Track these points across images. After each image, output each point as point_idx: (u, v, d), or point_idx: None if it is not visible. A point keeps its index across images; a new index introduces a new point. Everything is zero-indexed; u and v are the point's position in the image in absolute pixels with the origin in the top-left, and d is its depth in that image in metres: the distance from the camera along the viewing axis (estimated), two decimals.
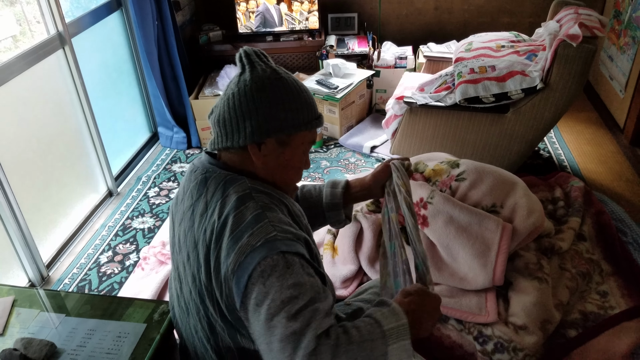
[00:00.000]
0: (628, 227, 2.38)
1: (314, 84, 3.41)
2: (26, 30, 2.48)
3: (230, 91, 1.15)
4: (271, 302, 0.97)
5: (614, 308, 1.96)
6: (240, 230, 1.05)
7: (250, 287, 1.00)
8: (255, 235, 1.03)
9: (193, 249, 1.13)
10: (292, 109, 1.14)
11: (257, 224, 1.05)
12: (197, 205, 1.15)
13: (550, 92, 2.54)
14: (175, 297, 1.26)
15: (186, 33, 3.89)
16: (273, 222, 1.06)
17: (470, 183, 2.14)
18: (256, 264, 1.00)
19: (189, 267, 1.14)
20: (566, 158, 3.10)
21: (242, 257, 1.02)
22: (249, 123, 1.12)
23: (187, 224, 1.17)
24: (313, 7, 3.81)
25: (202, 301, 1.12)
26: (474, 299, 1.95)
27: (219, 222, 1.08)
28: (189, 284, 1.15)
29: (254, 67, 1.15)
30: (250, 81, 1.13)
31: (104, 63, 3.01)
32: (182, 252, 1.18)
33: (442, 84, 2.88)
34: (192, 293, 1.15)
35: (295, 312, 0.95)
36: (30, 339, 1.27)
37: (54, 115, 2.55)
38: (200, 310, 1.14)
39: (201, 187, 1.16)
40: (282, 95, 1.14)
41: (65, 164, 2.65)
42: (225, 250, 1.05)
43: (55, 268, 2.49)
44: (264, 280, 0.99)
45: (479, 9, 4.03)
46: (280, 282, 0.98)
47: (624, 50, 3.23)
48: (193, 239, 1.14)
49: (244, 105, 1.12)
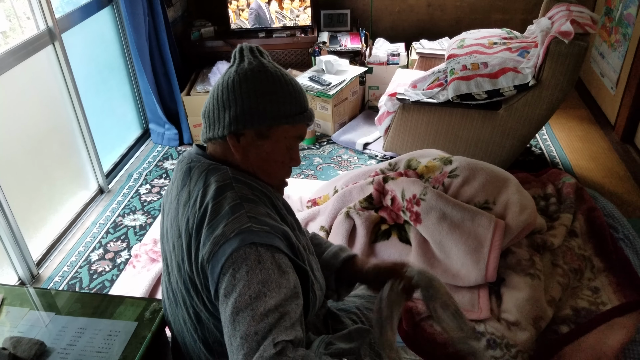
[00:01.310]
0: (619, 223, 2.39)
1: (307, 81, 3.40)
2: (16, 27, 2.45)
3: (217, 83, 1.17)
4: (239, 295, 0.97)
5: (606, 304, 1.97)
6: (216, 220, 1.05)
7: (222, 278, 1.00)
8: (229, 226, 1.03)
9: (177, 238, 1.14)
10: (273, 101, 1.13)
11: (234, 214, 1.05)
12: (182, 194, 1.16)
13: (542, 88, 2.55)
14: (165, 290, 1.27)
15: (178, 29, 3.87)
16: (250, 213, 1.06)
17: (463, 180, 2.14)
18: (228, 255, 1.00)
19: (175, 257, 1.15)
20: (558, 155, 3.11)
21: (216, 247, 1.02)
22: (228, 114, 1.12)
23: (172, 213, 1.18)
24: (304, 4, 3.80)
25: (187, 291, 1.13)
26: (467, 295, 1.95)
27: (199, 211, 1.08)
28: (175, 274, 1.16)
29: (242, 61, 1.16)
30: (235, 73, 1.14)
31: (95, 59, 2.98)
32: (169, 242, 1.19)
33: (434, 80, 2.88)
34: (179, 283, 1.15)
35: (261, 312, 0.95)
36: (19, 338, 1.26)
37: (44, 111, 2.52)
38: (187, 300, 1.14)
39: (185, 177, 1.17)
40: (263, 86, 1.13)
41: (56, 161, 2.62)
42: (202, 240, 1.05)
43: (46, 266, 2.47)
44: (234, 272, 0.99)
45: (472, 6, 4.03)
46: (249, 277, 0.98)
47: (615, 47, 3.24)
48: (177, 228, 1.14)
49: (225, 96, 1.13)
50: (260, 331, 0.94)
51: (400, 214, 2.16)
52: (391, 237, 2.19)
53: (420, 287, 1.25)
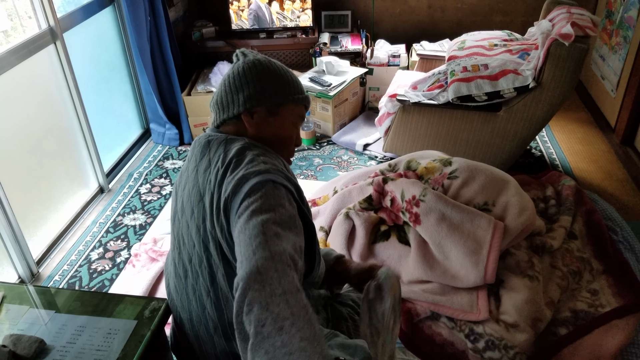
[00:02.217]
0: (618, 225, 2.39)
1: (307, 81, 3.40)
2: (17, 26, 2.46)
3: (226, 75, 1.33)
4: (255, 207, 1.07)
5: (605, 306, 1.97)
6: (239, 168, 1.16)
7: (242, 205, 1.09)
8: (250, 169, 1.15)
9: (198, 201, 1.22)
10: (280, 83, 1.31)
11: (253, 162, 1.18)
12: (201, 164, 1.26)
13: (543, 91, 2.55)
14: (172, 270, 1.33)
15: (179, 29, 3.87)
16: (267, 162, 1.19)
17: (463, 181, 2.14)
18: (250, 187, 1.11)
19: (193, 222, 1.23)
20: (558, 157, 3.11)
21: (238, 184, 1.13)
22: (242, 94, 1.28)
23: (191, 184, 1.27)
24: (305, 6, 3.81)
25: (205, 249, 1.20)
26: (466, 296, 1.95)
27: (222, 168, 1.19)
28: (193, 238, 1.23)
29: (246, 56, 1.34)
30: (243, 63, 1.31)
31: (96, 58, 2.99)
32: (185, 214, 1.27)
33: (435, 82, 2.89)
34: (196, 246, 1.22)
35: (272, 220, 1.04)
36: (19, 336, 1.26)
37: (45, 110, 2.53)
38: (203, 261, 1.21)
39: (204, 149, 1.28)
40: (270, 72, 1.31)
41: (56, 160, 2.63)
42: (225, 186, 1.15)
43: (46, 265, 2.47)
44: (254, 195, 1.10)
45: (472, 8, 4.04)
46: (266, 197, 1.09)
47: (616, 50, 3.25)
48: (198, 193, 1.23)
49: (237, 81, 1.30)
50: (269, 233, 1.02)
51: (399, 215, 2.16)
52: (390, 238, 2.19)
53: (382, 286, 1.34)
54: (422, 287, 2.02)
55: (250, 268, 0.94)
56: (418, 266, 2.04)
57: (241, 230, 1.05)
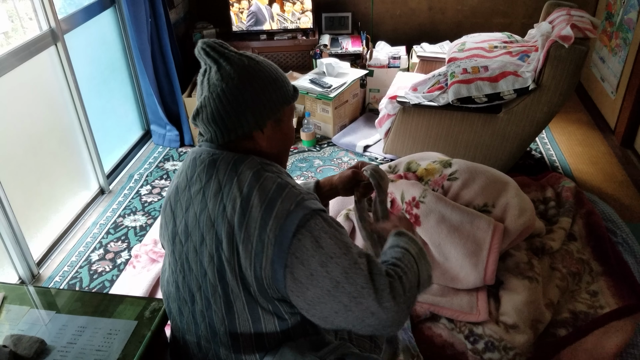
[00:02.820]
0: (618, 227, 2.39)
1: (308, 83, 3.41)
2: (18, 27, 2.46)
3: (218, 88, 1.18)
4: (326, 246, 1.06)
5: (604, 307, 1.97)
6: (269, 199, 1.10)
7: (296, 244, 1.06)
8: (286, 201, 1.10)
9: (210, 228, 1.15)
10: (278, 88, 1.22)
11: (283, 191, 1.11)
12: (209, 186, 1.18)
13: (543, 92, 2.56)
14: (174, 292, 1.25)
15: (179, 31, 3.88)
16: (294, 186, 1.14)
17: (463, 182, 2.15)
18: (297, 223, 1.07)
19: (204, 249, 1.16)
20: (557, 158, 3.11)
21: (282, 220, 1.07)
22: (250, 113, 1.18)
23: (198, 207, 1.19)
24: (305, 8, 3.81)
25: (221, 278, 1.14)
26: (465, 298, 1.96)
27: (240, 196, 1.12)
28: (204, 267, 1.16)
29: (229, 59, 1.19)
30: (235, 73, 1.17)
31: (97, 60, 2.99)
32: (191, 238, 1.19)
33: (435, 83, 2.89)
34: (208, 275, 1.16)
35: (349, 251, 1.08)
36: (20, 336, 1.26)
37: (46, 111, 2.53)
38: (217, 290, 1.15)
39: (210, 169, 1.19)
40: (268, 78, 1.21)
41: (57, 161, 2.63)
42: (260, 220, 1.09)
43: (46, 266, 2.48)
44: (310, 233, 1.07)
45: (473, 10, 4.04)
46: (325, 232, 1.08)
47: (615, 52, 3.25)
48: (209, 219, 1.15)
49: (240, 98, 1.17)
50: (358, 260, 1.07)
51: None
52: None
53: (373, 181, 1.45)
54: None
55: (377, 296, 1.04)
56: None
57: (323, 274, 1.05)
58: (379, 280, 1.05)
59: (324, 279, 1.05)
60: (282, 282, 1.07)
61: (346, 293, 1.04)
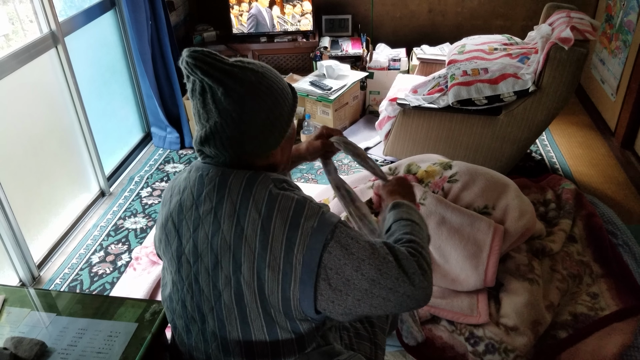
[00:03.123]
0: (618, 229, 2.39)
1: (308, 85, 3.41)
2: (19, 29, 2.47)
3: (232, 113, 1.11)
4: (355, 251, 1.07)
5: (604, 309, 1.97)
6: (292, 218, 1.08)
7: (327, 257, 1.06)
8: (309, 219, 1.08)
9: (225, 251, 1.11)
10: (286, 99, 1.18)
11: (304, 208, 1.10)
12: (221, 207, 1.12)
13: (542, 94, 2.56)
14: (180, 310, 1.21)
15: (180, 33, 3.89)
16: (311, 201, 1.12)
17: (463, 184, 2.15)
18: (324, 240, 1.06)
19: (221, 271, 1.12)
20: (558, 160, 3.11)
21: (308, 239, 1.06)
22: (269, 134, 1.15)
23: (209, 228, 1.13)
24: (305, 10, 3.82)
25: (239, 301, 1.11)
26: (466, 300, 1.96)
27: (260, 218, 1.09)
28: (219, 288, 1.12)
29: (234, 77, 1.11)
30: (247, 94, 1.11)
31: (97, 62, 3.00)
32: (202, 260, 1.14)
33: (435, 86, 2.90)
34: (223, 297, 1.12)
35: (374, 248, 1.09)
36: (20, 338, 1.26)
37: (46, 114, 2.54)
38: (233, 312, 1.12)
39: (221, 189, 1.13)
40: (276, 92, 1.15)
41: (57, 164, 2.63)
42: (285, 241, 1.07)
43: (47, 268, 2.48)
44: (338, 244, 1.07)
45: (473, 12, 4.05)
46: (352, 238, 1.09)
47: (615, 54, 3.26)
48: (224, 242, 1.11)
49: (257, 120, 1.12)
50: (383, 251, 1.10)
51: None
52: None
53: (349, 154, 1.54)
54: None
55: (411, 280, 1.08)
56: None
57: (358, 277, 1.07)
58: (407, 265, 1.08)
59: (361, 281, 1.06)
60: (311, 300, 1.07)
61: (383, 288, 1.06)
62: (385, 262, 1.07)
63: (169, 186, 1.27)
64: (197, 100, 1.13)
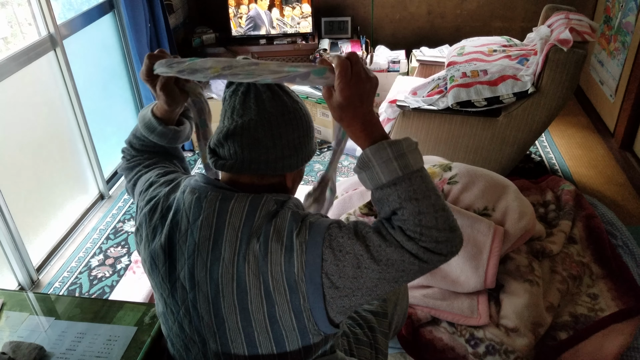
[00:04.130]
0: (618, 230, 2.39)
1: (308, 87, 3.41)
2: (17, 32, 2.47)
3: (272, 116, 1.09)
4: (350, 249, 1.01)
5: (604, 310, 1.97)
6: (286, 238, 1.04)
7: (326, 265, 1.01)
8: (301, 234, 1.03)
9: (229, 281, 1.06)
10: (314, 137, 1.18)
11: (296, 224, 1.05)
12: (221, 234, 1.07)
13: (542, 96, 2.56)
14: (178, 331, 1.17)
15: (179, 36, 3.89)
16: (304, 215, 1.08)
17: (462, 186, 2.15)
18: (320, 252, 1.01)
19: (223, 299, 1.08)
20: (557, 162, 3.11)
21: (304, 255, 1.02)
22: (300, 151, 1.14)
23: (207, 256, 1.08)
24: (305, 12, 3.82)
25: (246, 327, 1.08)
26: (466, 301, 1.95)
27: (258, 243, 1.05)
28: (222, 315, 1.09)
29: (284, 90, 1.13)
30: (290, 107, 1.11)
31: (96, 65, 3.00)
32: (199, 288, 1.09)
33: (434, 87, 2.90)
34: (227, 324, 1.09)
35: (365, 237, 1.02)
36: (18, 343, 1.26)
37: (45, 117, 2.54)
38: (240, 336, 1.10)
39: (222, 214, 1.08)
40: (310, 124, 1.17)
41: (56, 167, 2.63)
42: (284, 263, 1.03)
43: (46, 272, 2.47)
44: (331, 250, 1.01)
45: (472, 14, 4.05)
46: (343, 239, 1.02)
47: (614, 56, 3.26)
48: (226, 271, 1.06)
49: (294, 133, 1.12)
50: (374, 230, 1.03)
51: None
52: None
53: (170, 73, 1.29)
54: (422, 292, 2.02)
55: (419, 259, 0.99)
56: None
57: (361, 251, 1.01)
58: (410, 246, 0.99)
59: (367, 275, 1.00)
60: (322, 311, 1.04)
61: (392, 273, 1.00)
62: (381, 250, 0.99)
63: (146, 199, 1.20)
64: (237, 98, 1.10)
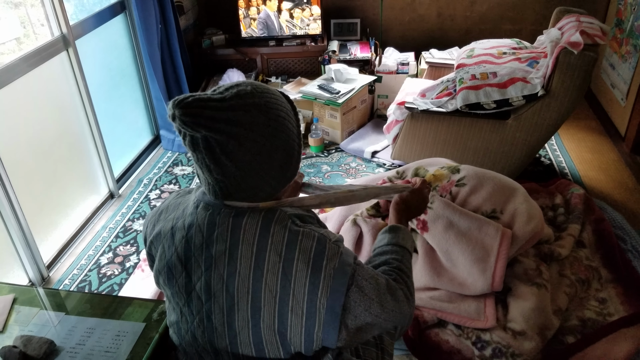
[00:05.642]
0: (627, 234, 2.38)
1: (316, 89, 3.42)
2: (30, 33, 2.49)
3: (248, 162, 1.05)
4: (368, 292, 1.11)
5: (613, 315, 1.96)
6: (314, 260, 1.07)
7: (347, 300, 1.09)
8: (331, 260, 1.08)
9: (244, 295, 1.09)
10: (292, 120, 1.14)
11: (325, 248, 1.09)
12: (236, 249, 1.09)
13: (551, 99, 2.55)
14: (190, 338, 1.19)
15: (189, 37, 3.91)
16: (330, 239, 1.12)
17: (471, 188, 2.14)
18: (347, 284, 1.08)
19: (237, 313, 1.10)
20: (567, 165, 3.10)
21: (331, 281, 1.07)
22: (288, 175, 1.15)
23: (224, 269, 1.10)
24: (314, 14, 3.83)
25: (258, 342, 1.11)
26: (473, 304, 1.95)
27: (280, 261, 1.07)
28: (235, 328, 1.11)
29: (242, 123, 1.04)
30: (263, 139, 1.05)
31: (107, 65, 3.02)
32: (215, 300, 1.11)
33: (443, 89, 2.89)
34: (240, 337, 1.12)
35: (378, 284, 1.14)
36: (29, 337, 1.28)
37: (57, 116, 2.56)
38: (252, 351, 1.14)
39: (236, 231, 1.09)
40: (285, 120, 1.11)
41: (67, 166, 2.66)
42: (308, 284, 1.07)
43: (56, 269, 2.49)
44: (358, 289, 1.10)
45: (482, 16, 4.05)
46: (366, 280, 1.12)
47: (626, 59, 3.24)
48: (242, 285, 1.09)
49: (278, 157, 1.09)
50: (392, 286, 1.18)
51: None
52: None
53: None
54: (429, 294, 2.02)
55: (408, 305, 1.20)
56: (425, 273, 2.04)
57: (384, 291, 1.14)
58: (400, 297, 1.17)
59: (367, 317, 1.10)
60: (334, 339, 1.10)
61: (383, 319, 1.13)
62: (385, 298, 1.13)
63: (156, 212, 1.27)
64: (203, 154, 1.05)
